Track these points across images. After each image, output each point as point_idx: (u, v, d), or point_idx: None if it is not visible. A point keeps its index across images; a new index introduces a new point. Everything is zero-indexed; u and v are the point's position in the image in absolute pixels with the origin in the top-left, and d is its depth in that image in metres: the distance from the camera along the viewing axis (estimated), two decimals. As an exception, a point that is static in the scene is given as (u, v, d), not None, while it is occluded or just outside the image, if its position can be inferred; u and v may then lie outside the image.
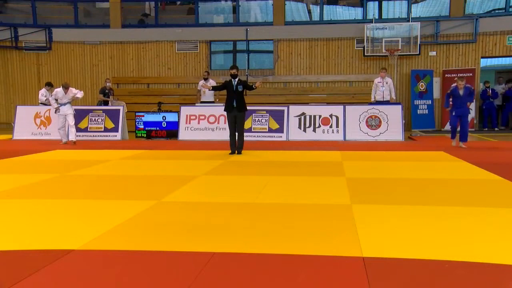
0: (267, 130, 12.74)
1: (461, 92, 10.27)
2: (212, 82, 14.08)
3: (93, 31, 17.69)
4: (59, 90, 11.76)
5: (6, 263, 3.21)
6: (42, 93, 14.18)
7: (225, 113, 9.52)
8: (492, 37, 15.85)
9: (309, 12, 17.71)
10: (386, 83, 13.26)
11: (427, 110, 15.89)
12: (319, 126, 12.66)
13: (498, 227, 3.98)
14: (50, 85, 14.42)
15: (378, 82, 13.29)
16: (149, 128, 13.39)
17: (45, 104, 13.86)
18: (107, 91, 14.49)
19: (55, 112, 11.92)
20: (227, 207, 4.77)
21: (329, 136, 12.52)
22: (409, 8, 16.47)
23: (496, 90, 15.88)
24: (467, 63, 16.01)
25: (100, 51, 17.68)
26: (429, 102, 15.90)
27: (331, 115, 12.71)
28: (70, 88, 11.87)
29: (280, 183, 6.14)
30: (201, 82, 14.12)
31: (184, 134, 13.05)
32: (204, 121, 13.09)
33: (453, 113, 10.40)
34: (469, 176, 6.59)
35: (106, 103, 14.25)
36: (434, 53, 16.19)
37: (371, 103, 13.10)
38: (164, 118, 13.36)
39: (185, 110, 13.32)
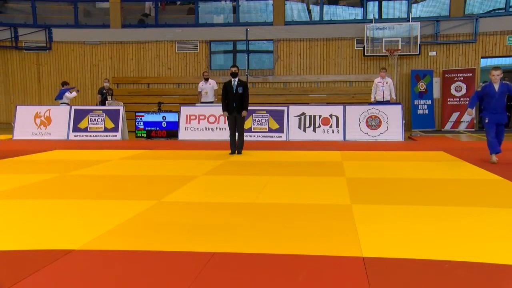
0: (267, 130, 12.74)
1: (496, 86, 7.56)
2: (212, 82, 14.08)
3: (93, 31, 17.69)
4: None
5: (6, 263, 3.21)
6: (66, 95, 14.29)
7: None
8: (492, 37, 15.86)
9: (309, 12, 17.72)
10: (386, 83, 13.27)
11: (427, 110, 15.90)
12: (319, 126, 12.66)
13: (498, 227, 3.97)
14: (66, 84, 14.59)
15: (378, 82, 13.29)
16: (149, 128, 13.39)
17: (68, 104, 14.13)
18: (104, 91, 14.48)
19: None
20: (227, 207, 4.77)
21: (329, 136, 12.52)
22: (409, 8, 16.47)
23: None
24: (467, 63, 16.01)
25: (100, 51, 17.68)
26: (429, 102, 15.91)
27: (331, 115, 12.70)
28: None
29: (280, 183, 6.14)
30: (201, 83, 14.12)
31: (184, 134, 13.05)
32: (204, 121, 13.09)
33: (486, 120, 7.72)
34: (469, 176, 6.59)
35: (103, 103, 14.27)
36: (434, 53, 16.20)
37: (371, 103, 13.10)
38: (164, 118, 13.36)
39: (185, 110, 13.32)
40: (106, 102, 14.21)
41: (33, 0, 17.77)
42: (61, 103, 14.18)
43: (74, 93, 14.35)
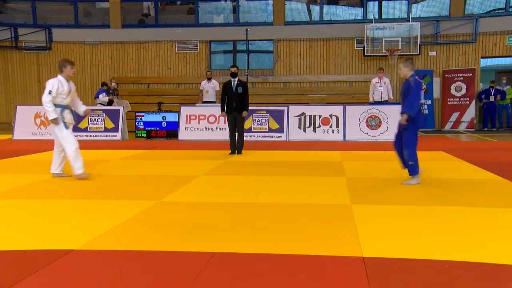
0: (267, 130, 12.74)
1: None
2: (214, 83, 14.08)
3: (93, 31, 17.69)
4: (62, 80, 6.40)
5: (6, 263, 3.21)
6: (103, 94, 14.23)
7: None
8: (492, 37, 15.86)
9: (309, 12, 17.72)
10: (384, 83, 13.25)
11: (427, 110, 15.88)
12: (319, 126, 12.66)
13: (498, 227, 3.98)
14: (105, 85, 14.54)
15: (376, 83, 13.27)
16: (149, 128, 13.39)
17: (103, 104, 14.02)
18: (110, 91, 14.47)
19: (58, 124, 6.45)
20: (227, 207, 4.77)
21: (329, 136, 12.52)
22: (409, 8, 16.47)
23: (502, 90, 15.83)
24: (467, 63, 16.01)
25: (100, 51, 17.68)
26: (429, 102, 15.90)
27: (331, 115, 12.70)
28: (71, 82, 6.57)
29: (280, 183, 6.13)
30: (203, 82, 14.12)
31: (184, 134, 13.05)
32: (204, 121, 13.09)
33: None
34: (469, 176, 6.58)
35: (110, 103, 14.24)
36: (434, 53, 16.20)
37: (370, 103, 13.10)
38: (164, 118, 13.36)
39: (185, 110, 13.32)
40: (116, 101, 14.23)
41: (33, 0, 17.77)
42: (98, 103, 14.13)
43: (106, 98, 14.24)
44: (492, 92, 15.49)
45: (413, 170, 5.90)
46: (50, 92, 6.21)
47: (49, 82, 6.32)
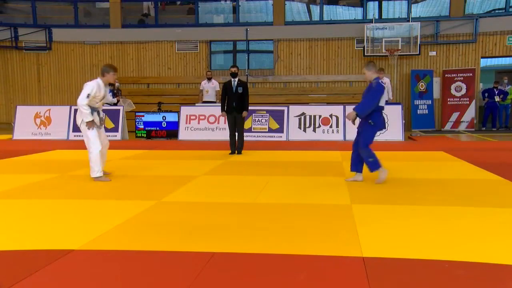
0: (267, 130, 12.74)
1: None
2: (215, 83, 14.08)
3: (93, 31, 17.69)
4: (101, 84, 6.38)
5: (6, 263, 3.21)
6: (110, 95, 14.14)
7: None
8: (492, 37, 15.85)
9: (309, 12, 17.72)
10: (384, 83, 13.23)
11: (427, 110, 15.89)
12: (319, 126, 12.66)
13: (498, 227, 3.98)
14: (111, 85, 14.44)
15: (377, 83, 13.27)
16: (149, 128, 13.39)
17: (110, 105, 13.86)
18: (115, 91, 14.45)
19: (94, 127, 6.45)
20: (227, 207, 4.77)
21: (329, 136, 12.52)
22: (409, 8, 16.47)
23: (505, 90, 15.83)
24: (467, 63, 16.00)
25: (100, 51, 17.68)
26: (429, 102, 15.90)
27: (331, 115, 12.70)
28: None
29: (280, 183, 6.14)
30: (203, 82, 14.12)
31: (184, 134, 13.05)
32: (204, 121, 13.09)
33: None
34: (469, 176, 6.59)
35: (117, 104, 14.22)
36: (434, 53, 16.19)
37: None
38: (164, 118, 13.36)
39: (185, 110, 13.32)
40: (121, 100, 14.23)
41: (33, 0, 17.77)
42: (105, 103, 14.01)
43: (115, 100, 14.14)
44: (496, 92, 15.48)
45: (374, 166, 6.00)
46: (88, 96, 6.14)
47: (88, 84, 6.23)
